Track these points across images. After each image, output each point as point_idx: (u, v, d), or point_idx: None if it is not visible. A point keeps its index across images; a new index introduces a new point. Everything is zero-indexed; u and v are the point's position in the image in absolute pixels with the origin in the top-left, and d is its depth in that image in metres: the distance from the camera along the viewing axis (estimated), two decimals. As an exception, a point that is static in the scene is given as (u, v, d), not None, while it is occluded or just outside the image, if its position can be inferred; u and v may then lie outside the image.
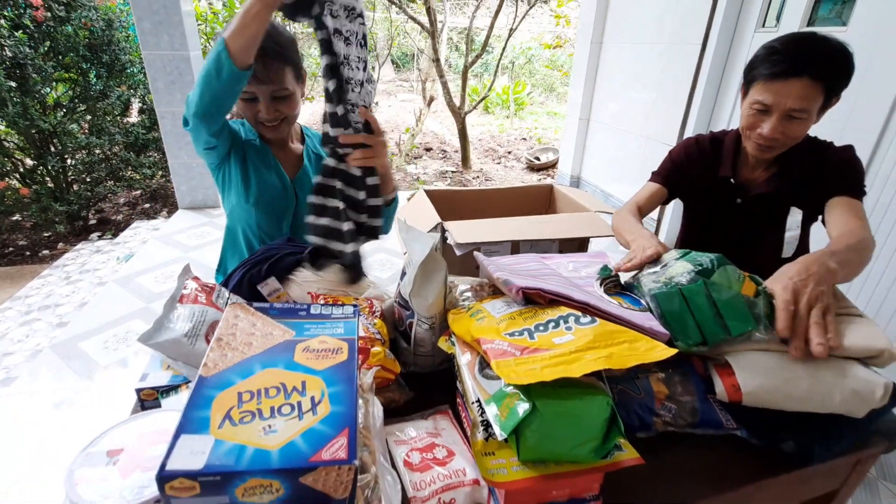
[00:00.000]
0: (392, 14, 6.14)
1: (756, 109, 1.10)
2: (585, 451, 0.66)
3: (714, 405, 0.84)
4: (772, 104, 1.06)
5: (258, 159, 1.24)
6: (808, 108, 1.04)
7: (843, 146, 1.16)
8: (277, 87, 1.12)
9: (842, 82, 1.05)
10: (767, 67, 1.05)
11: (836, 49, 1.03)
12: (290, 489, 0.43)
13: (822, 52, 1.02)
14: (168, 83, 2.98)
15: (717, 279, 0.82)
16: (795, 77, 1.02)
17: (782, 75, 1.03)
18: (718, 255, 0.85)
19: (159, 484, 0.41)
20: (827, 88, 1.04)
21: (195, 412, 0.46)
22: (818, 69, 1.01)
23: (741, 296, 0.81)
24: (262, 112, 1.14)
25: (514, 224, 1.72)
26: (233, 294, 0.93)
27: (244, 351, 0.55)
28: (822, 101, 1.06)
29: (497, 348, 0.71)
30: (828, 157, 1.16)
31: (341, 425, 0.47)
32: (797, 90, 1.03)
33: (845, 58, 1.03)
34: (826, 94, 1.04)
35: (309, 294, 1.00)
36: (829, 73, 1.02)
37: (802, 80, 1.02)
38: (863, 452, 0.87)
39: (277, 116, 1.16)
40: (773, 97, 1.05)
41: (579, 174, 3.77)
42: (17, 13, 2.88)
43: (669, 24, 2.70)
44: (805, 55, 1.02)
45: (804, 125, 1.08)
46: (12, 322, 2.21)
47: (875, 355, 0.78)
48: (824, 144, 1.18)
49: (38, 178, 3.21)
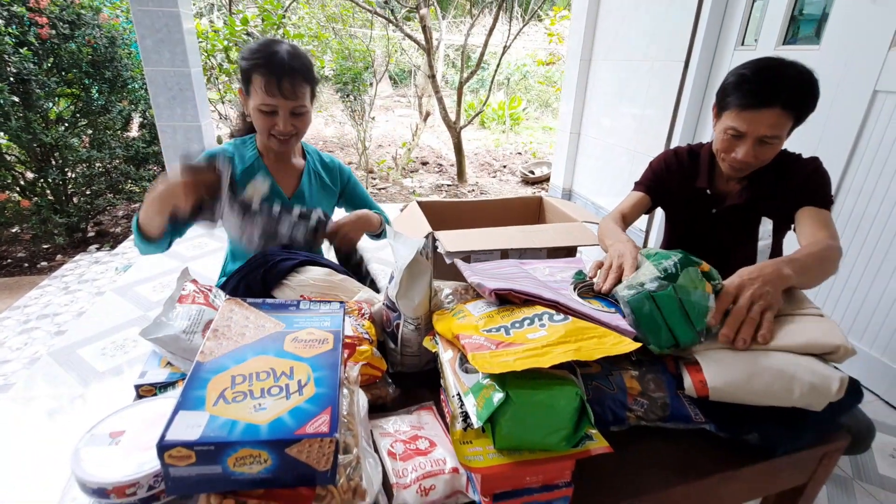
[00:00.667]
0: (389, 32, 6.28)
1: (730, 135, 1.15)
2: (557, 440, 0.71)
3: (684, 400, 0.89)
4: (745, 131, 1.12)
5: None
6: (779, 133, 1.10)
7: (810, 158, 1.23)
8: (298, 105, 1.19)
9: (810, 108, 1.11)
10: (739, 98, 1.10)
11: (804, 78, 1.08)
12: (278, 459, 0.48)
13: (791, 82, 1.07)
14: (169, 98, 3.06)
15: (682, 282, 0.87)
16: (767, 108, 1.07)
17: (754, 106, 1.08)
18: (681, 256, 0.89)
19: (159, 452, 0.45)
20: (796, 115, 1.09)
21: (192, 392, 0.51)
22: (788, 99, 1.06)
23: (706, 295, 0.86)
24: (279, 125, 1.20)
25: (503, 233, 1.78)
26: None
27: (238, 340, 0.60)
28: (792, 125, 1.12)
29: (474, 342, 0.76)
30: (796, 168, 1.22)
31: (324, 404, 0.52)
32: (769, 119, 1.08)
33: (811, 85, 1.09)
34: (795, 119, 1.10)
35: (302, 297, 1.05)
36: (797, 102, 1.08)
37: (774, 110, 1.07)
38: (827, 447, 0.91)
39: (292, 131, 1.22)
40: (747, 125, 1.11)
41: (571, 187, 3.85)
42: (23, 31, 2.96)
43: (654, 42, 2.80)
44: (775, 86, 1.07)
45: (775, 148, 1.14)
46: (10, 331, 2.24)
47: (832, 351, 0.83)
48: (792, 157, 1.24)
49: (39, 191, 3.26)
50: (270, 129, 1.21)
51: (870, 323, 1.79)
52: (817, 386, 0.80)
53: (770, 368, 0.82)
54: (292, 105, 1.17)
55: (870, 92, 1.72)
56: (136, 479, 0.52)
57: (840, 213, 1.87)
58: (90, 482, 0.52)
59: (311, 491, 0.52)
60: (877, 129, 1.72)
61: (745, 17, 2.30)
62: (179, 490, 0.48)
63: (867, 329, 1.80)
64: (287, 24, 4.67)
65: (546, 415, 0.69)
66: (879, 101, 1.71)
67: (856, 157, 1.79)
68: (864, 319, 1.81)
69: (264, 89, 1.13)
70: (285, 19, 4.45)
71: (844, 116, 1.81)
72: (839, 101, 1.83)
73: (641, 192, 1.40)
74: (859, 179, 1.79)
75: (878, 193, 1.73)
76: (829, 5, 1.91)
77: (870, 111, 1.74)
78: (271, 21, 4.20)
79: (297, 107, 1.19)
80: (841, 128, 1.83)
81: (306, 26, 5.84)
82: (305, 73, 1.18)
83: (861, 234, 1.79)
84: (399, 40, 6.76)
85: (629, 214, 1.37)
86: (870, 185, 1.75)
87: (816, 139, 1.90)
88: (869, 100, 1.73)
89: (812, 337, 0.85)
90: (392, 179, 5.08)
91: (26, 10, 2.97)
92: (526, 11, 7.56)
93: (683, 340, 0.85)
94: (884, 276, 1.72)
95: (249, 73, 1.15)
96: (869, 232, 1.77)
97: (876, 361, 1.78)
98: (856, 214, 1.81)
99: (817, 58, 1.93)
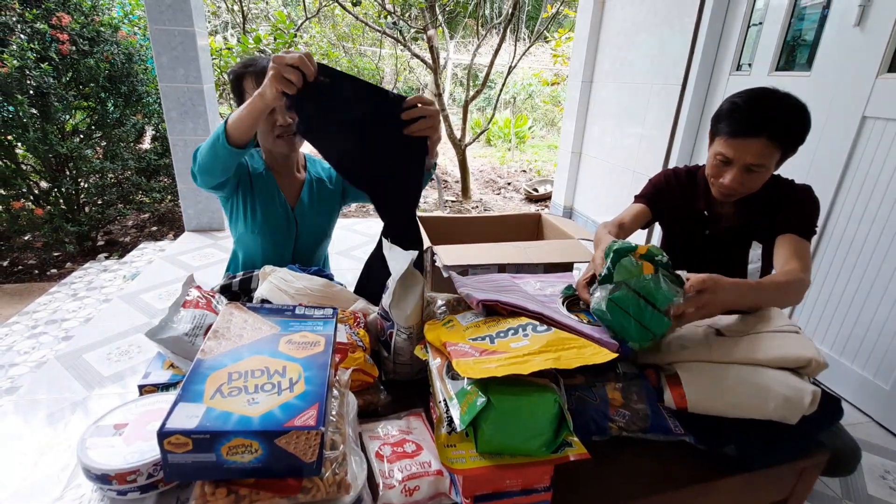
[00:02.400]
0: (398, 51, 6.43)
1: (719, 160, 1.19)
2: (537, 445, 0.74)
3: (664, 413, 0.92)
4: (732, 158, 1.16)
5: (264, 189, 1.35)
6: (765, 163, 1.14)
7: (802, 186, 1.26)
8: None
9: (797, 140, 1.14)
10: (728, 125, 1.15)
11: (793, 111, 1.12)
12: (267, 450, 0.52)
13: (779, 115, 1.11)
14: (181, 113, 3.16)
15: (620, 277, 0.88)
16: (753, 137, 1.11)
17: (741, 134, 1.12)
18: (612, 252, 0.90)
19: (159, 439, 0.50)
20: (783, 147, 1.13)
21: (192, 386, 0.56)
22: (774, 131, 1.10)
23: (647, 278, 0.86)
24: (279, 119, 1.25)
25: (500, 249, 1.82)
26: (230, 302, 1.03)
27: (236, 341, 0.65)
28: (780, 156, 1.15)
29: (459, 350, 0.80)
30: (788, 195, 1.25)
31: (313, 401, 0.56)
32: (755, 149, 1.12)
33: (801, 118, 1.12)
34: (783, 150, 1.14)
35: (300, 305, 1.10)
36: (784, 134, 1.11)
37: (760, 140, 1.11)
38: (805, 462, 0.94)
39: (291, 123, 1.27)
40: (734, 153, 1.15)
41: (572, 205, 3.90)
42: (44, 46, 3.09)
43: (653, 65, 2.87)
44: (762, 117, 1.11)
45: (762, 176, 1.17)
46: (19, 336, 2.30)
47: (805, 364, 0.87)
48: (785, 182, 1.28)
49: (52, 200, 3.35)
50: (272, 127, 1.26)
51: (861, 345, 1.81)
52: (791, 399, 0.84)
53: (746, 382, 0.86)
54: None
55: (859, 118, 1.77)
56: (137, 466, 0.56)
57: (831, 236, 1.90)
58: (94, 469, 0.56)
59: (298, 482, 0.56)
60: (866, 155, 1.76)
61: (740, 43, 2.37)
62: (177, 476, 0.52)
63: (859, 350, 1.82)
64: (298, 42, 4.81)
65: (526, 420, 0.73)
66: (868, 127, 1.76)
67: (846, 181, 1.83)
68: (856, 341, 1.83)
69: (256, 87, 1.18)
70: (297, 38, 4.58)
71: (834, 142, 1.86)
72: (829, 127, 1.88)
73: (642, 203, 1.42)
74: (849, 204, 1.82)
75: (868, 217, 1.76)
76: (819, 33, 1.97)
77: (859, 137, 1.78)
78: (283, 39, 4.33)
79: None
80: (831, 153, 1.87)
81: (317, 44, 5.99)
82: None
83: (852, 258, 1.82)
84: (408, 59, 6.91)
85: (628, 225, 1.38)
86: (859, 209, 1.79)
87: (807, 164, 1.95)
88: (858, 125, 1.77)
89: (785, 351, 0.88)
90: (397, 195, 5.15)
91: (49, 27, 3.10)
92: (532, 33, 7.71)
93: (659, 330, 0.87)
94: (874, 299, 1.75)
95: (241, 80, 1.22)
96: (859, 255, 1.80)
97: (867, 382, 1.80)
98: (846, 238, 1.84)
99: (808, 84, 1.99)
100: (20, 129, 3.00)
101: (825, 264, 1.94)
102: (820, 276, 1.96)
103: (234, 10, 4.99)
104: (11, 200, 3.17)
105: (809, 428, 0.91)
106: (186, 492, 0.61)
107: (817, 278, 1.97)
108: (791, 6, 2.09)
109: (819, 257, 1.96)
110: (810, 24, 2.06)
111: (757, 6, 2.29)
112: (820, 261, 1.96)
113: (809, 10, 2.05)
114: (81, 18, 3.29)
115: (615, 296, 0.87)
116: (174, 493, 0.60)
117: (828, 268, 1.93)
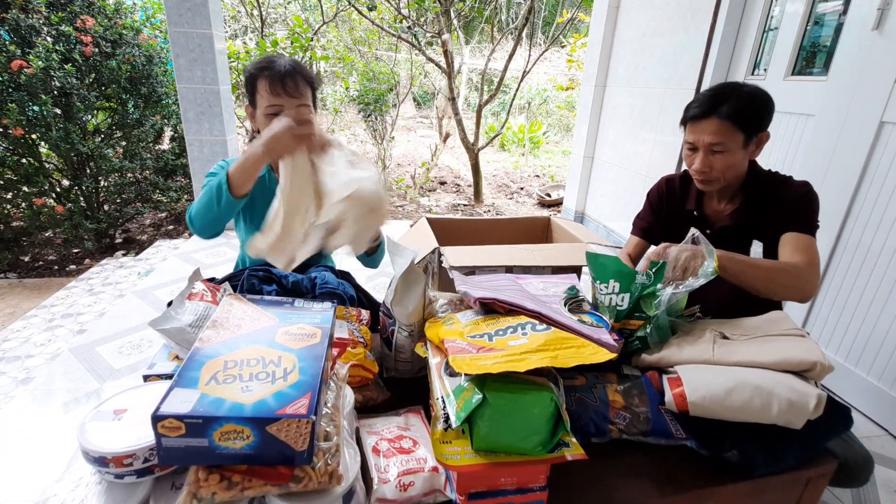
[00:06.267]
0: (413, 55, 6.48)
1: (688, 148, 1.27)
2: (533, 444, 0.74)
3: (666, 416, 0.91)
4: (694, 141, 1.24)
5: (264, 192, 1.36)
6: (723, 141, 1.19)
7: (800, 182, 1.26)
8: (301, 102, 1.25)
9: (753, 119, 1.19)
10: (688, 112, 1.24)
11: (746, 93, 1.20)
12: (259, 437, 0.52)
13: (733, 96, 1.18)
14: (198, 114, 3.22)
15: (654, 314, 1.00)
16: (705, 118, 1.20)
17: (697, 117, 1.22)
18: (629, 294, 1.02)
19: (153, 423, 0.51)
20: (738, 125, 1.18)
21: (188, 372, 0.57)
22: (727, 111, 1.18)
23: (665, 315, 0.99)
24: None
25: (508, 250, 1.82)
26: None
27: (234, 331, 0.66)
28: (744, 137, 1.20)
29: (457, 346, 0.80)
30: (785, 191, 1.26)
31: (305, 390, 0.56)
32: (710, 128, 1.19)
33: (754, 97, 1.19)
34: (743, 130, 1.19)
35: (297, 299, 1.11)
36: (734, 113, 1.17)
37: (712, 120, 1.19)
38: (811, 471, 0.92)
39: None
40: (694, 136, 1.24)
41: (584, 210, 3.88)
42: (69, 48, 3.18)
43: (667, 70, 2.85)
44: (715, 100, 1.19)
45: (728, 157, 1.22)
46: (36, 328, 2.36)
47: (809, 368, 0.85)
48: (783, 179, 1.28)
49: (73, 198, 3.44)
50: None
51: (878, 354, 1.76)
52: (795, 402, 0.82)
53: (748, 384, 0.84)
54: (297, 103, 1.23)
55: (877, 123, 1.73)
56: (134, 450, 0.57)
57: (847, 242, 1.86)
58: (92, 451, 0.57)
59: (289, 470, 0.56)
60: (884, 160, 1.73)
61: (756, 48, 2.34)
62: (171, 460, 0.53)
63: (875, 361, 1.77)
64: (315, 46, 4.88)
65: (522, 418, 0.73)
66: (886, 132, 1.72)
67: (863, 187, 1.79)
68: (872, 351, 1.78)
69: (269, 90, 1.21)
70: (313, 42, 4.65)
71: (852, 147, 1.82)
72: (846, 132, 1.85)
73: (638, 236, 1.51)
74: (866, 210, 1.78)
75: (886, 223, 1.72)
76: (836, 37, 1.94)
77: (877, 142, 1.74)
78: (300, 43, 4.39)
79: (301, 105, 1.24)
80: (848, 158, 1.83)
81: (333, 49, 6.07)
82: (305, 75, 1.26)
83: (869, 264, 1.78)
84: (423, 63, 6.96)
85: (634, 256, 1.50)
86: (877, 215, 1.75)
87: (824, 169, 1.91)
88: (876, 130, 1.74)
89: (789, 354, 0.87)
90: (409, 198, 5.18)
91: (73, 30, 3.19)
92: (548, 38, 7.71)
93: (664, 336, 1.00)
94: (892, 308, 1.70)
95: (254, 80, 1.24)
96: (877, 262, 1.75)
97: (883, 394, 1.75)
98: (863, 244, 1.80)
99: (825, 88, 1.95)
100: (44, 128, 3.09)
101: (841, 271, 1.90)
102: (835, 283, 1.92)
103: (254, 14, 5.09)
104: (33, 197, 3.26)
105: (816, 435, 0.89)
106: (181, 478, 0.62)
107: (832, 285, 1.93)
108: (807, 11, 2.06)
109: (835, 263, 1.92)
110: (827, 29, 2.03)
111: (773, 12, 2.26)
112: (836, 267, 1.92)
113: (827, 16, 2.02)
114: (105, 21, 3.38)
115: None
116: (169, 478, 0.61)
117: (843, 275, 1.88)
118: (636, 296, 1.00)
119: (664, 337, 1.00)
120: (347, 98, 6.20)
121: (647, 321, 0.99)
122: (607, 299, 1.04)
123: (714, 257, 1.03)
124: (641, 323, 1.00)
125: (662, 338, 1.00)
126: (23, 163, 3.22)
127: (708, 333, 0.98)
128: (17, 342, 2.22)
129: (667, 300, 0.98)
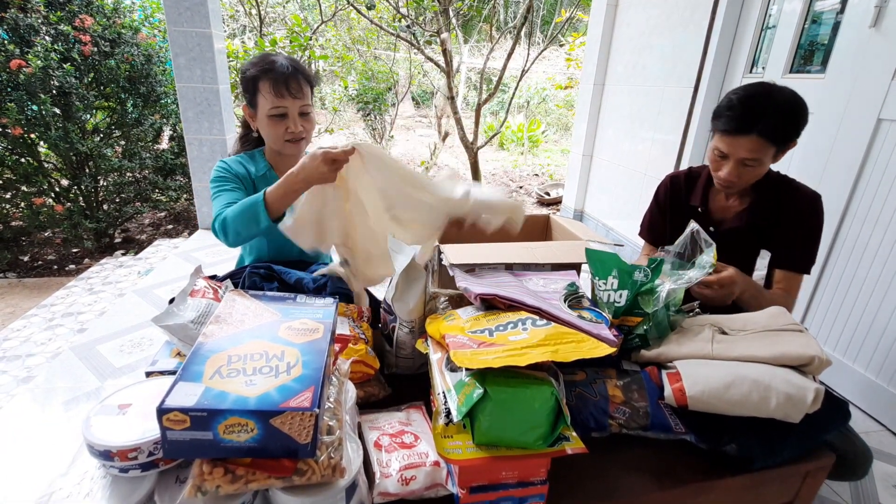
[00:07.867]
0: (412, 54, 6.48)
1: (717, 155, 1.24)
2: (533, 438, 0.75)
3: (665, 411, 0.92)
4: (727, 153, 1.20)
5: None
6: (758, 157, 1.17)
7: (812, 194, 1.27)
8: (304, 104, 1.28)
9: (790, 134, 1.17)
10: (723, 123, 1.19)
11: (785, 106, 1.15)
12: (263, 430, 0.53)
13: (772, 112, 1.14)
14: (197, 113, 3.22)
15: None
16: (745, 135, 1.16)
17: (734, 132, 1.17)
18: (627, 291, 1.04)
19: (158, 416, 0.51)
20: (775, 143, 1.16)
21: (192, 367, 0.57)
22: (764, 128, 1.14)
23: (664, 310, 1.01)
24: (291, 126, 1.28)
25: (508, 248, 1.82)
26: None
27: (238, 326, 0.66)
28: (775, 149, 1.18)
29: (458, 341, 0.81)
30: (796, 200, 1.27)
31: (309, 384, 0.57)
32: (747, 144, 1.16)
33: (794, 114, 1.16)
34: (777, 144, 1.17)
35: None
36: (773, 132, 1.15)
37: (751, 137, 1.15)
38: (809, 465, 0.92)
39: (302, 132, 1.31)
40: (729, 148, 1.20)
41: (583, 208, 3.88)
42: (67, 48, 3.17)
43: (665, 68, 2.86)
44: (754, 115, 1.15)
45: (758, 170, 1.21)
46: (36, 327, 2.36)
47: (807, 362, 0.86)
48: (794, 185, 1.29)
49: (72, 197, 3.44)
50: (283, 133, 1.29)
51: (876, 351, 1.77)
52: (793, 396, 0.83)
53: (747, 378, 0.85)
54: (300, 104, 1.26)
55: (874, 120, 1.74)
56: (138, 444, 0.58)
57: (845, 238, 1.87)
58: (98, 445, 0.58)
59: (293, 463, 0.57)
60: (881, 157, 1.73)
61: (754, 46, 2.34)
62: (175, 453, 0.54)
63: (873, 357, 1.78)
64: (314, 45, 4.87)
65: (523, 412, 0.73)
66: (884, 130, 1.73)
67: (860, 184, 1.80)
68: (870, 347, 1.79)
69: (273, 92, 1.22)
70: (312, 41, 4.65)
71: (849, 144, 1.83)
72: (844, 130, 1.85)
73: (647, 241, 1.54)
74: (864, 207, 1.79)
75: (883, 219, 1.73)
76: (834, 35, 1.95)
77: (874, 139, 1.75)
78: (299, 43, 4.39)
79: (303, 106, 1.27)
80: (846, 156, 1.84)
81: (332, 48, 6.06)
82: (305, 73, 1.28)
83: (867, 260, 1.79)
84: (422, 62, 6.96)
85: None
86: (874, 212, 1.76)
87: (821, 167, 1.92)
88: (873, 128, 1.74)
89: (788, 349, 0.88)
90: (408, 196, 5.17)
91: (72, 29, 3.19)
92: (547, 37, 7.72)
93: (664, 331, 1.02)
94: (889, 303, 1.71)
95: (256, 81, 1.24)
96: (874, 259, 1.76)
97: (881, 390, 1.76)
98: (861, 241, 1.81)
99: (822, 86, 1.96)
100: (43, 127, 3.08)
101: (839, 267, 1.90)
102: (833, 279, 1.93)
103: (252, 13, 5.08)
104: (33, 197, 3.26)
105: (814, 428, 0.90)
106: (186, 471, 0.62)
107: (830, 281, 1.94)
108: (805, 9, 2.07)
109: (833, 259, 1.93)
110: (825, 27, 2.04)
111: (771, 10, 2.27)
112: (834, 263, 1.93)
113: (825, 14, 2.03)
114: (103, 20, 3.38)
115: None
116: (174, 472, 0.62)
117: (841, 271, 1.89)
118: (634, 292, 1.01)
119: (663, 333, 1.00)
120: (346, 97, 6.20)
121: (645, 318, 0.99)
122: (606, 295, 1.05)
123: (713, 250, 1.03)
124: (640, 320, 1.00)
125: (661, 334, 1.00)
126: (22, 162, 3.22)
127: (707, 329, 0.99)
128: (17, 341, 2.22)
129: (665, 296, 0.98)
